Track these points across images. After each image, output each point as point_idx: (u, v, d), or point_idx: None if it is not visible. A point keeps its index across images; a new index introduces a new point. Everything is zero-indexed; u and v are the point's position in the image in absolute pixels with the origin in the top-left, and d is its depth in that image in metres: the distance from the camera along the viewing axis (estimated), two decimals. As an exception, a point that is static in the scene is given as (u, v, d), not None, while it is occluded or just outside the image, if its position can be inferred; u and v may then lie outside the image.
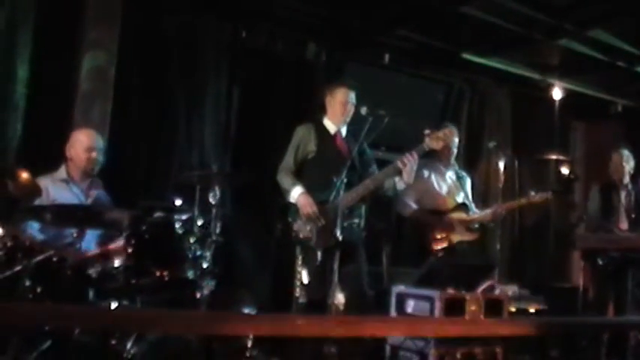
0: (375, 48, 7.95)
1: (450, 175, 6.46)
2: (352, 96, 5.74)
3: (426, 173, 6.39)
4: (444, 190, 6.38)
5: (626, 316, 6.14)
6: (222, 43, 7.25)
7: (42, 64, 6.16)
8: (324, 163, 5.59)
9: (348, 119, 5.74)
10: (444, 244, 6.13)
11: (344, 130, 5.82)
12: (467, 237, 6.23)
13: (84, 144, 5.29)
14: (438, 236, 6.14)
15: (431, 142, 5.50)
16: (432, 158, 6.45)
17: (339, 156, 5.61)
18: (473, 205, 6.45)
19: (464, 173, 6.59)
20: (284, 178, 5.70)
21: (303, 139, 5.77)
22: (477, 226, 6.35)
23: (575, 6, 7.04)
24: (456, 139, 6.42)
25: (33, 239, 4.81)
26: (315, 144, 5.71)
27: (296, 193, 5.57)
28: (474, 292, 5.28)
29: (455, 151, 6.44)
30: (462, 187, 6.43)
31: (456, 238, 6.17)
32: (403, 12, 7.33)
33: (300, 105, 7.47)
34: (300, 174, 5.73)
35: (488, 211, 6.31)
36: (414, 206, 6.28)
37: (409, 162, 5.41)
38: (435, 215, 6.24)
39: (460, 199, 6.35)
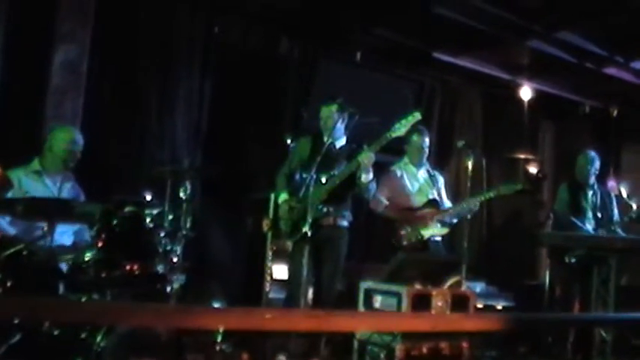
0: (348, 45, 8.00)
1: (422, 173, 6.52)
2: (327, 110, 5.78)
3: (398, 172, 6.46)
4: (416, 188, 6.44)
5: (591, 313, 6.22)
6: (195, 37, 7.26)
7: (13, 56, 6.13)
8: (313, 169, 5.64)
9: (333, 132, 5.68)
10: (413, 239, 6.19)
11: (339, 143, 5.83)
12: (438, 232, 6.30)
13: (66, 137, 5.31)
14: (407, 231, 6.20)
15: (394, 130, 5.54)
16: (404, 158, 6.52)
17: (328, 164, 5.66)
18: (447, 202, 6.51)
19: (435, 172, 6.65)
20: (278, 181, 5.91)
21: (300, 149, 5.90)
22: (451, 221, 6.41)
23: (545, 8, 7.15)
24: (427, 140, 6.48)
25: (3, 232, 4.82)
26: (308, 154, 5.77)
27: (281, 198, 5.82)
28: (440, 288, 5.35)
29: (426, 150, 6.49)
30: (434, 185, 6.49)
31: (427, 233, 6.23)
32: (376, 10, 7.38)
33: (273, 100, 7.50)
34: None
35: (458, 204, 6.42)
36: (385, 202, 6.34)
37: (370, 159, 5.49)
38: (405, 211, 6.31)
39: (431, 196, 6.41)
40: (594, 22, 7.44)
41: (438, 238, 6.35)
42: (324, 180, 5.53)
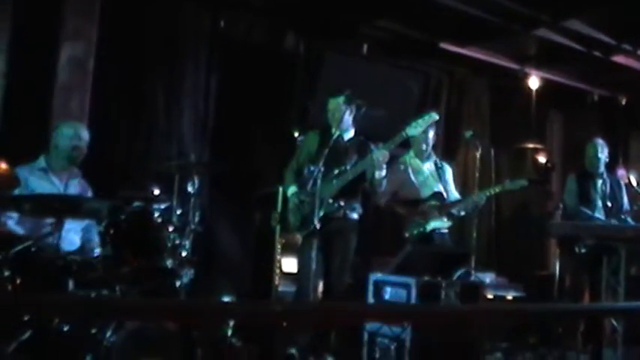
0: (354, 38, 7.98)
1: (428, 166, 6.47)
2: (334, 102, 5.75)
3: (402, 167, 6.42)
4: (420, 181, 6.40)
5: (601, 303, 6.20)
6: (201, 32, 7.26)
7: (20, 54, 6.14)
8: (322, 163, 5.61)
9: (341, 125, 5.63)
10: (416, 231, 6.16)
11: (347, 135, 5.81)
12: (442, 224, 6.27)
13: (70, 133, 5.27)
14: (411, 223, 6.18)
15: (410, 129, 5.52)
16: (410, 151, 6.48)
17: (337, 157, 5.65)
18: (455, 194, 6.47)
19: (443, 163, 6.60)
20: (286, 175, 5.90)
21: (308, 143, 5.88)
22: (456, 212, 6.37)
23: (552, -4, 7.12)
24: (432, 131, 6.42)
25: (12, 230, 4.82)
26: (317, 147, 5.74)
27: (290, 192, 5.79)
28: (449, 279, 5.34)
29: (430, 142, 6.44)
30: (441, 177, 6.44)
31: (431, 225, 6.21)
32: (382, 2, 7.36)
33: (279, 94, 7.49)
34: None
35: (462, 199, 6.39)
36: (388, 196, 6.31)
37: (385, 157, 5.48)
38: (408, 203, 6.28)
39: (437, 188, 6.37)
40: (602, 10, 7.39)
41: (444, 230, 6.33)
42: (336, 172, 5.52)
